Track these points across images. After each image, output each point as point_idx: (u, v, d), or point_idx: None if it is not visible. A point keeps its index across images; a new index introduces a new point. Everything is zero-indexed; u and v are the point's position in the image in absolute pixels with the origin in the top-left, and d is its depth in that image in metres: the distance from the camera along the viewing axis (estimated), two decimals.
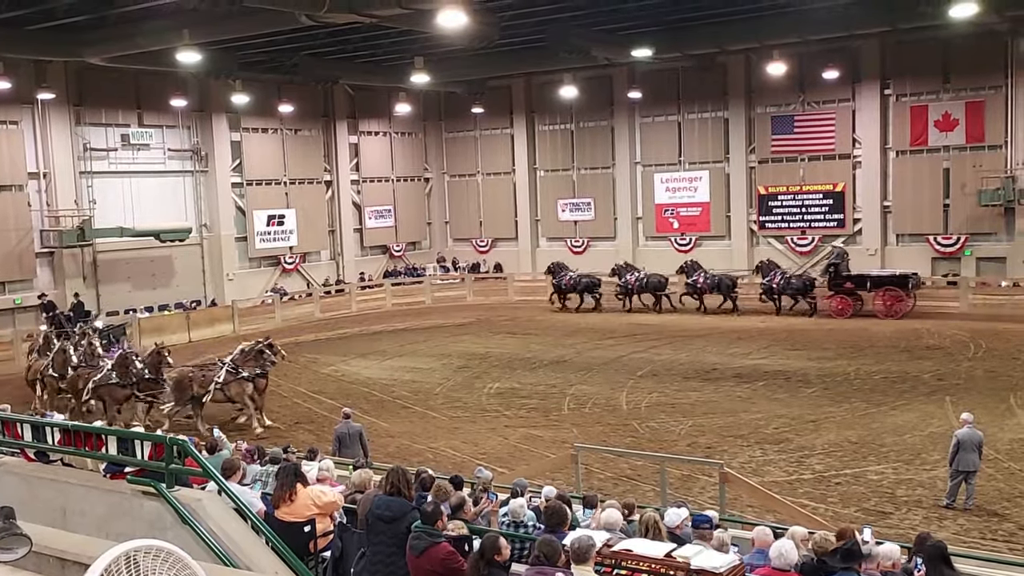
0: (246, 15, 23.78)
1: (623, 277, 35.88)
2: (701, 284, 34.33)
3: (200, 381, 20.33)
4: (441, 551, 6.97)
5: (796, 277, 33.46)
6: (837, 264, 32.74)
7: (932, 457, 16.48)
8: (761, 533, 8.63)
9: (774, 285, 33.14)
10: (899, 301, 31.34)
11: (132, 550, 4.10)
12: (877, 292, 31.74)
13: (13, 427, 9.10)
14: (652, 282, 35.27)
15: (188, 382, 20.38)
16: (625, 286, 35.73)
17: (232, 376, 20.24)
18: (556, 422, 20.30)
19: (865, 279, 32.10)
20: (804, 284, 32.97)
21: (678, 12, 30.53)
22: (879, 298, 31.67)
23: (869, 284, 31.88)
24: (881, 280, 31.89)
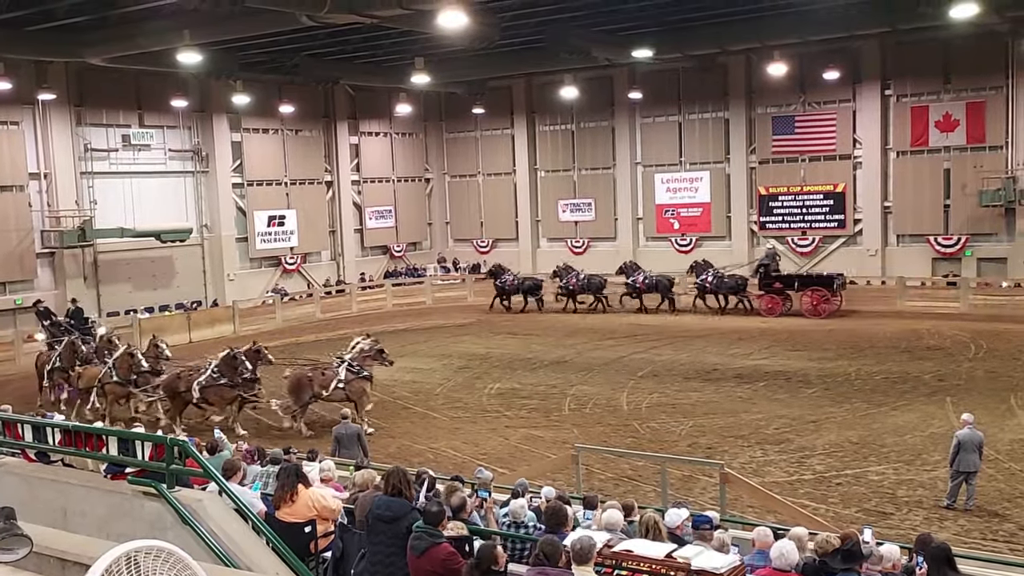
0: (247, 15, 23.79)
1: (563, 279, 36.17)
2: (640, 285, 34.94)
3: (320, 381, 20.21)
4: (442, 552, 6.97)
5: (729, 277, 34.02)
6: (767, 265, 33.56)
7: (933, 458, 16.48)
8: (762, 534, 8.63)
9: (707, 285, 33.87)
10: (825, 301, 32.20)
11: (133, 551, 4.10)
12: (804, 292, 32.59)
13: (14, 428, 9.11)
14: (593, 282, 35.80)
15: (308, 381, 20.21)
16: (566, 287, 36.05)
17: (354, 375, 20.25)
18: (557, 422, 20.30)
19: (793, 279, 33.21)
20: (736, 284, 33.67)
21: (679, 12, 30.51)
22: (806, 297, 32.48)
23: (796, 284, 32.90)
24: (807, 280, 32.97)
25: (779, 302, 32.84)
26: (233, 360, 20.17)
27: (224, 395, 20.40)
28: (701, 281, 34.08)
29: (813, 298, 32.32)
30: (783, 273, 33.63)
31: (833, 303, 32.26)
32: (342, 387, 20.06)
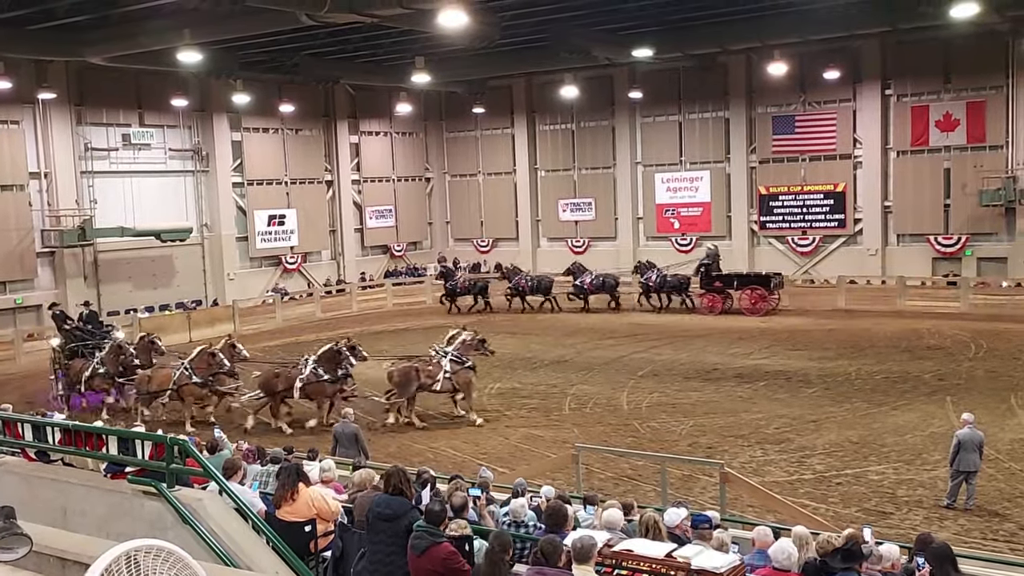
0: (247, 15, 23.80)
1: (512, 280, 36.34)
2: (588, 285, 35.33)
3: (427, 373, 20.34)
4: (443, 551, 6.97)
5: (672, 276, 34.75)
6: (708, 264, 34.46)
7: (933, 457, 16.47)
8: (762, 533, 8.63)
9: (651, 284, 34.55)
10: (763, 299, 33.06)
11: (133, 550, 4.10)
12: (743, 290, 33.41)
13: (14, 427, 9.11)
14: (543, 283, 36.14)
15: (415, 374, 20.30)
16: (516, 287, 36.19)
17: (459, 365, 20.37)
18: (557, 422, 20.30)
19: (732, 278, 34.07)
20: (679, 283, 34.40)
21: (679, 12, 30.52)
22: (744, 296, 33.29)
23: (736, 283, 33.75)
24: (746, 279, 33.81)
25: (719, 300, 33.76)
26: (337, 355, 20.30)
27: (325, 391, 20.38)
28: (645, 280, 34.86)
29: (752, 297, 33.20)
30: (723, 273, 34.45)
31: (771, 301, 33.09)
32: (449, 378, 20.26)
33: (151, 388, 21.30)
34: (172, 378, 21.04)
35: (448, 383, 20.29)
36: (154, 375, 21.52)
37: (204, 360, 20.91)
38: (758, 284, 33.39)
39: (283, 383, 20.43)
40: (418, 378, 20.27)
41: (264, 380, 20.73)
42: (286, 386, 20.40)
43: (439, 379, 20.21)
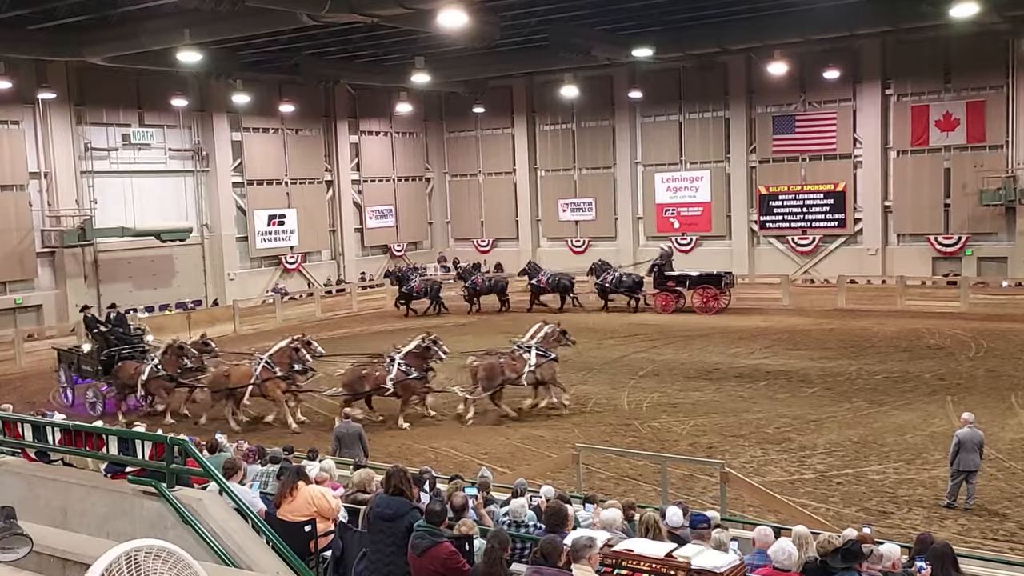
0: (247, 15, 23.78)
1: (468, 280, 36.40)
2: (543, 284, 35.52)
3: (512, 367, 20.49)
4: (443, 551, 6.96)
5: (627, 276, 35.29)
6: (661, 264, 35.05)
7: (933, 457, 16.46)
8: (762, 533, 8.63)
9: (607, 284, 34.99)
10: (714, 298, 33.70)
11: (133, 550, 4.10)
12: (695, 290, 34.02)
13: (14, 427, 9.10)
14: (499, 284, 36.42)
15: (500, 368, 20.45)
16: (472, 286, 36.24)
17: (544, 358, 20.63)
18: (557, 422, 20.28)
19: (685, 278, 34.63)
20: (634, 283, 34.95)
21: (679, 12, 30.54)
22: (696, 295, 33.93)
23: (688, 282, 34.32)
24: (698, 279, 34.26)
25: (672, 299, 34.38)
26: (427, 351, 20.42)
27: (415, 388, 20.50)
28: (601, 281, 35.23)
29: (703, 296, 33.85)
30: (676, 272, 35.05)
31: (722, 300, 33.72)
32: (533, 371, 20.55)
33: (229, 386, 20.76)
34: (253, 373, 20.60)
35: (532, 376, 20.64)
36: (232, 372, 21.00)
37: (287, 355, 20.69)
38: (709, 284, 34.03)
39: (371, 383, 20.31)
40: (503, 372, 20.48)
41: (350, 379, 20.57)
42: (373, 385, 20.28)
43: (524, 372, 20.51)
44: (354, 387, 20.40)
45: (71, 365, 23.65)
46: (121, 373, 22.02)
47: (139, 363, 21.94)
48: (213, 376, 21.24)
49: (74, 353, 23.77)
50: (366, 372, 20.43)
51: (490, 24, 27.01)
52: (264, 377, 20.45)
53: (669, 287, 34.54)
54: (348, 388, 20.45)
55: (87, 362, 22.98)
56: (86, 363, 23.01)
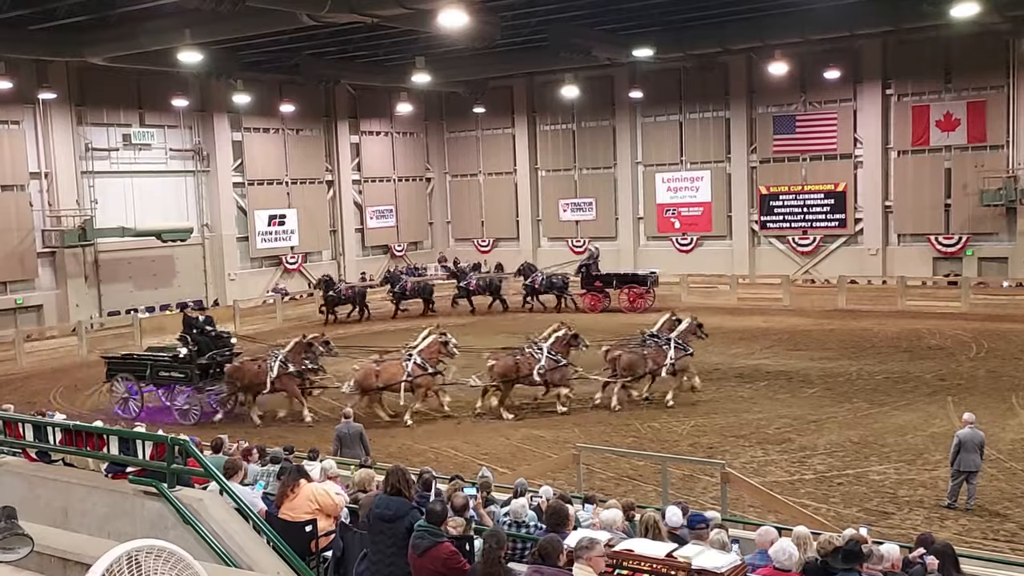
0: (248, 15, 23.78)
1: (395, 284, 36.26)
2: (474, 287, 35.86)
3: (654, 358, 21.24)
4: (444, 551, 6.96)
5: (556, 276, 36.00)
6: (589, 265, 36.11)
7: (934, 457, 16.46)
8: (763, 533, 8.62)
9: (536, 286, 35.72)
10: (640, 297, 34.70)
11: (134, 550, 4.10)
12: (621, 289, 35.03)
13: (15, 427, 9.11)
14: (426, 288, 36.54)
15: (642, 359, 21.15)
16: (401, 291, 35.98)
17: (682, 352, 21.43)
18: (558, 422, 20.28)
19: (612, 278, 35.74)
20: (562, 283, 35.64)
21: (679, 12, 30.53)
22: (623, 294, 34.91)
23: (615, 282, 35.33)
24: (624, 278, 35.44)
25: (600, 299, 35.19)
26: (575, 339, 21.15)
27: (566, 376, 20.96)
28: (531, 282, 35.89)
29: (630, 295, 34.84)
30: (603, 273, 35.98)
31: (647, 299, 34.61)
32: (673, 363, 21.19)
33: (379, 383, 20.68)
34: (405, 369, 20.54)
35: (671, 367, 21.23)
36: (383, 368, 20.85)
37: (436, 349, 20.89)
38: (635, 283, 35.08)
39: (525, 369, 20.69)
40: (645, 364, 21.21)
41: (504, 368, 20.80)
42: (527, 372, 20.66)
43: (665, 364, 21.22)
44: (506, 376, 20.86)
45: (137, 373, 22.00)
46: (239, 374, 21.22)
47: (259, 363, 21.30)
48: (363, 373, 20.94)
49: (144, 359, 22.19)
50: (519, 362, 20.88)
51: (490, 24, 27.01)
52: (417, 374, 20.59)
53: (596, 287, 35.40)
54: (501, 377, 20.92)
55: (177, 368, 21.55)
56: (176, 369, 21.58)
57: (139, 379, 22.02)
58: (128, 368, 22.32)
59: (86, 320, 31.57)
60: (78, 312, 32.29)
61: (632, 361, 21.15)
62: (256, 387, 21.17)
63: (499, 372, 20.74)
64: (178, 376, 21.66)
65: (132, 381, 22.09)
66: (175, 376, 21.72)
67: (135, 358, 22.66)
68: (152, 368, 21.82)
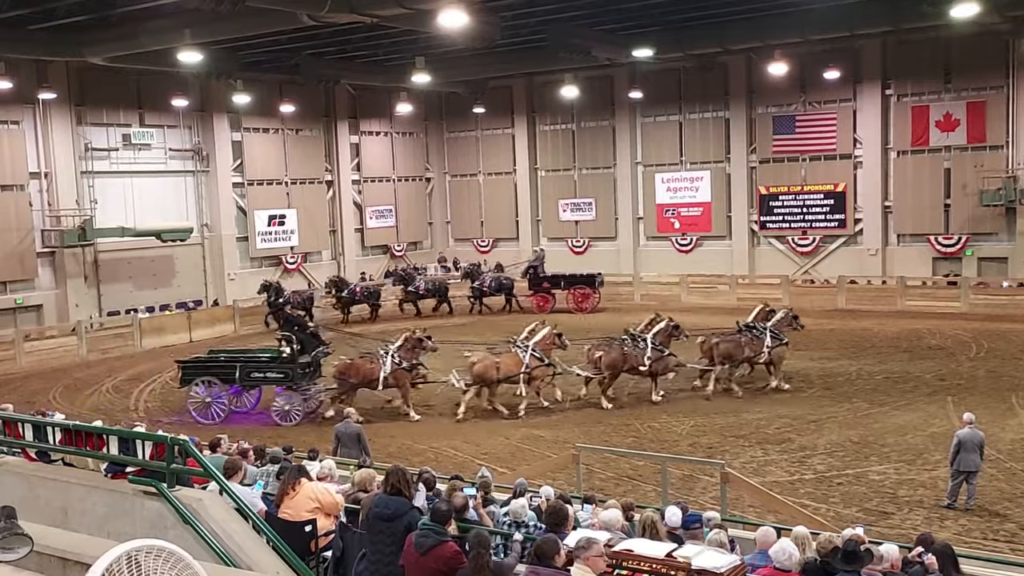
0: (248, 15, 23.75)
1: (342, 290, 35.92)
2: (423, 291, 35.76)
3: (751, 347, 22.05)
4: (447, 551, 6.95)
5: (507, 279, 36.35)
6: (536, 266, 36.73)
7: (934, 457, 16.47)
8: (763, 534, 8.63)
9: (485, 288, 35.96)
10: (587, 297, 35.34)
11: (133, 550, 4.10)
12: (569, 290, 35.58)
13: (14, 427, 9.10)
14: (373, 293, 36.35)
15: (739, 347, 21.94)
16: (351, 295, 35.53)
17: (778, 341, 22.25)
18: (557, 422, 20.29)
19: (559, 279, 36.31)
20: (509, 285, 36.02)
21: (679, 12, 30.51)
22: (571, 295, 35.51)
23: (563, 283, 35.98)
24: (572, 279, 36.04)
25: (548, 300, 35.64)
26: (676, 330, 22.16)
27: (669, 364, 21.92)
28: (479, 285, 36.05)
29: (577, 295, 35.44)
30: (550, 274, 36.57)
31: (593, 299, 35.33)
32: (768, 352, 22.01)
33: (499, 376, 20.95)
34: (523, 362, 20.98)
35: (767, 356, 22.03)
36: (504, 361, 21.11)
37: (550, 341, 21.56)
38: (583, 284, 35.60)
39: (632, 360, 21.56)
40: (742, 352, 21.94)
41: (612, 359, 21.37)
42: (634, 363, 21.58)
43: (763, 353, 22.02)
44: (617, 367, 21.39)
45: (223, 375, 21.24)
46: (351, 371, 20.85)
47: (369, 359, 21.11)
48: (484, 365, 21.05)
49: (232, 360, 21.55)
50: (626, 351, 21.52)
51: (490, 24, 27.01)
52: (534, 365, 21.06)
53: (544, 288, 35.86)
54: (609, 368, 21.40)
55: (276, 368, 21.07)
56: (274, 369, 21.09)
57: (225, 382, 21.26)
58: (211, 371, 21.40)
59: (86, 320, 31.55)
60: (78, 312, 32.27)
61: (730, 350, 21.87)
62: (368, 384, 20.99)
63: (607, 363, 21.37)
64: (277, 377, 21.13)
65: (216, 384, 21.23)
66: (272, 377, 21.17)
67: (221, 360, 21.85)
68: (243, 369, 21.16)
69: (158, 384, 26.19)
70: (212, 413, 21.19)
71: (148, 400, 24.40)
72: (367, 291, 36.14)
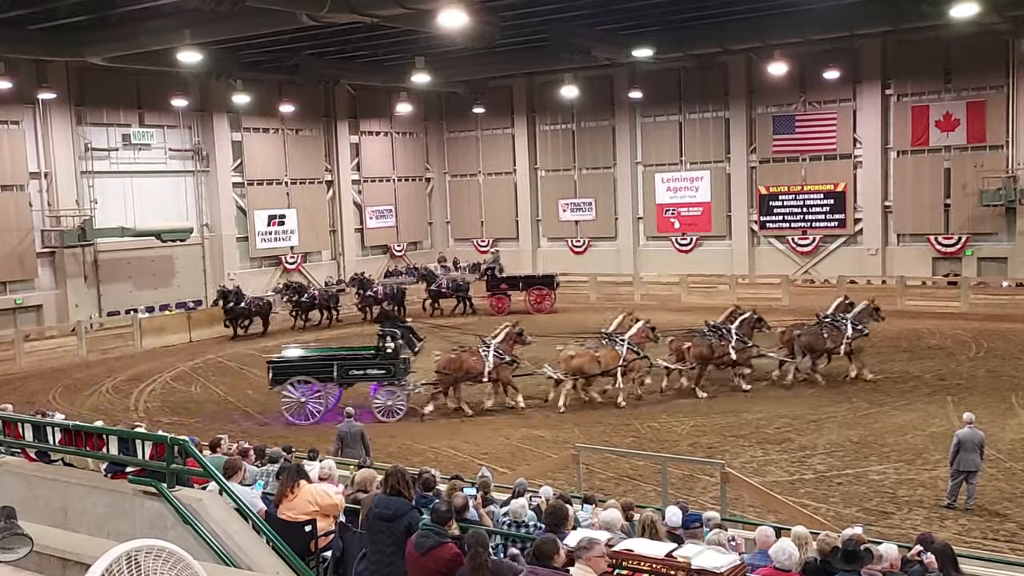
0: (247, 15, 23.77)
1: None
2: (382, 296, 35.47)
3: (833, 337, 22.63)
4: (448, 551, 6.95)
5: (464, 281, 36.72)
6: (493, 268, 37.19)
7: (934, 457, 16.47)
8: (763, 533, 8.63)
9: (444, 290, 36.17)
10: (544, 298, 35.83)
11: (133, 550, 4.10)
12: (527, 291, 36.04)
13: (14, 427, 9.10)
14: (463, 287, 36.51)
15: (824, 339, 22.55)
16: (311, 301, 35.20)
17: (858, 333, 22.80)
18: (557, 422, 20.29)
19: (517, 280, 36.89)
20: (465, 288, 36.31)
21: (679, 12, 30.51)
22: (528, 296, 35.93)
23: (521, 284, 36.48)
24: (530, 281, 36.70)
25: (505, 301, 36.02)
26: (759, 323, 23.03)
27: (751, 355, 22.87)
28: (437, 287, 36.19)
29: (535, 296, 35.78)
30: (507, 276, 37.09)
31: (550, 300, 35.87)
32: (849, 342, 22.65)
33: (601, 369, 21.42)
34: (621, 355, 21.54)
35: (847, 347, 22.64)
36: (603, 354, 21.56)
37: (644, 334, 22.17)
38: (541, 285, 36.12)
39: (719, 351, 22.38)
40: (823, 342, 22.58)
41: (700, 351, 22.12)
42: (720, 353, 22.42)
43: (842, 343, 22.60)
44: (705, 358, 22.17)
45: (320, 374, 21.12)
46: (456, 366, 21.03)
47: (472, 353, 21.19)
48: (586, 358, 21.38)
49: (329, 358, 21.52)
50: (713, 342, 22.25)
51: (490, 24, 27.00)
52: (630, 358, 21.64)
53: (501, 290, 36.28)
54: (698, 359, 22.14)
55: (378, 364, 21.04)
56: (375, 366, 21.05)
57: (322, 380, 21.13)
58: (307, 370, 21.27)
59: (85, 320, 31.55)
60: (77, 312, 32.27)
61: (811, 341, 22.45)
62: (472, 378, 21.26)
63: (695, 355, 22.03)
64: (378, 373, 21.12)
65: (313, 383, 21.05)
66: (373, 374, 21.16)
67: (318, 358, 21.72)
68: (341, 367, 21.13)
69: (158, 384, 26.20)
70: (308, 412, 21.01)
71: (148, 400, 24.39)
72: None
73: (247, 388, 25.02)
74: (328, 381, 21.18)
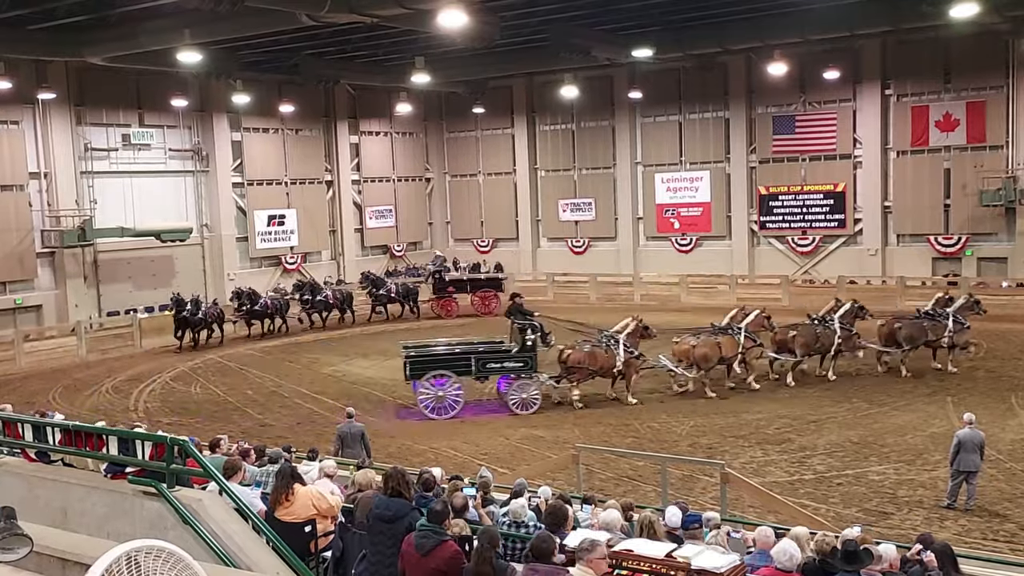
0: (247, 15, 23.76)
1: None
2: (332, 301, 35.19)
3: (932, 329, 23.48)
4: (448, 550, 6.95)
5: (413, 284, 36.83)
6: (439, 271, 36.86)
7: (933, 457, 16.47)
8: (763, 534, 8.62)
9: (393, 295, 35.79)
10: (492, 299, 35.38)
11: (133, 550, 4.10)
12: (474, 293, 35.83)
13: (14, 427, 9.10)
14: (412, 291, 36.46)
15: (924, 330, 23.44)
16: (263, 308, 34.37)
17: (960, 326, 23.55)
18: (557, 422, 20.29)
19: (464, 283, 36.55)
20: (413, 291, 36.12)
21: (679, 12, 30.51)
22: (475, 298, 35.81)
23: (470, 287, 36.21)
24: (477, 283, 36.48)
25: (454, 304, 35.78)
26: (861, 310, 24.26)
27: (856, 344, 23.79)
28: (386, 292, 35.79)
29: (483, 298, 35.63)
30: (454, 278, 36.75)
31: (498, 301, 34.83)
32: (951, 335, 23.41)
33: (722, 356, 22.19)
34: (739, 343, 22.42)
35: (949, 340, 23.44)
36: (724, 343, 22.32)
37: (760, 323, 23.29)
38: (489, 287, 35.99)
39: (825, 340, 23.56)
40: (924, 335, 23.43)
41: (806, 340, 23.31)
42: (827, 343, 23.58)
43: (944, 337, 23.40)
44: (810, 347, 23.28)
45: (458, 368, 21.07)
46: (591, 360, 21.15)
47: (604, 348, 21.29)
48: (709, 348, 22.10)
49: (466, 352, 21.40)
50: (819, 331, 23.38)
51: (490, 24, 27.00)
52: (748, 347, 22.61)
53: (449, 292, 35.97)
54: (804, 348, 23.21)
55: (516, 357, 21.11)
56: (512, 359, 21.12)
57: (460, 374, 21.06)
58: (445, 364, 21.13)
59: (85, 320, 31.54)
60: (77, 312, 32.27)
61: (913, 333, 23.28)
62: (604, 372, 21.57)
63: (801, 343, 23.09)
64: (514, 366, 21.22)
65: (450, 377, 20.96)
66: (510, 367, 21.25)
67: (456, 352, 21.52)
68: (479, 360, 21.17)
69: (158, 384, 26.18)
70: (447, 407, 20.96)
71: (148, 400, 24.37)
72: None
73: (247, 388, 25.04)
74: (466, 375, 21.16)
